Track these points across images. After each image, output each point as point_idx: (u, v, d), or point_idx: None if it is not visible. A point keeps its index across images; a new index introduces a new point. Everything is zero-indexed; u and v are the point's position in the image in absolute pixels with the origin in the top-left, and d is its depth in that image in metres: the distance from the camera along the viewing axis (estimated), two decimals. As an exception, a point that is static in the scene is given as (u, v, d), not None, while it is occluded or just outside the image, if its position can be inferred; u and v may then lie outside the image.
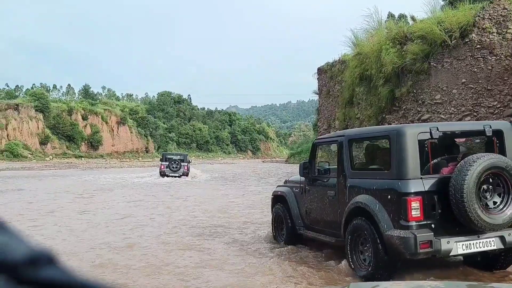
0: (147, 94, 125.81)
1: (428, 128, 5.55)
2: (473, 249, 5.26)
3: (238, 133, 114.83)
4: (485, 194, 5.27)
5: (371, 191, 5.65)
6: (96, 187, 22.01)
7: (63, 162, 65.18)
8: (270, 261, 6.71)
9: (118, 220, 11.32)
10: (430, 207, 5.21)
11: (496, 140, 5.85)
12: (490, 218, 5.12)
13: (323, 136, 7.82)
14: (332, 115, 21.92)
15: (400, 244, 5.09)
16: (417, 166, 5.31)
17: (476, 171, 5.05)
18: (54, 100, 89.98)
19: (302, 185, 7.35)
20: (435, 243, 5.04)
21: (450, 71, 13.33)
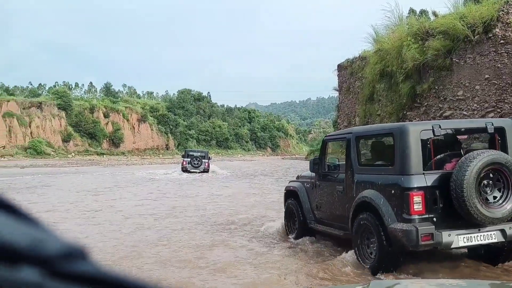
0: (167, 92, 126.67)
1: (431, 126, 5.73)
2: (474, 242, 5.45)
3: (257, 130, 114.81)
4: (486, 189, 5.44)
5: (376, 186, 5.86)
6: (129, 181, 23.78)
7: (85, 159, 66.03)
8: (281, 255, 6.94)
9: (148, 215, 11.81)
10: (432, 201, 5.40)
11: (498, 137, 5.99)
12: (489, 212, 5.30)
13: (332, 133, 8.07)
14: (352, 111, 21.77)
15: (402, 237, 5.29)
16: (419, 162, 5.52)
17: (476, 167, 5.22)
18: (76, 98, 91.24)
19: (313, 181, 7.58)
20: (436, 235, 5.23)
21: (473, 67, 13.11)
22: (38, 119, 75.90)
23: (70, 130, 79.15)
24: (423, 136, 5.71)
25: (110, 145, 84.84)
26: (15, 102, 75.08)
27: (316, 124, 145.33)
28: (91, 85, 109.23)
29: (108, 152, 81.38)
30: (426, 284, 1.84)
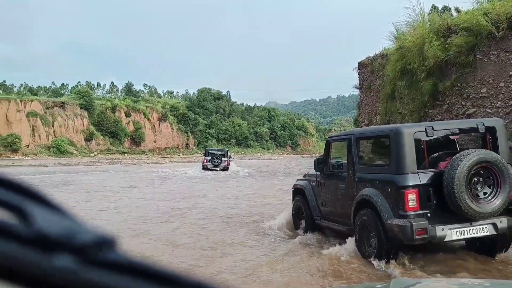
0: (187, 91, 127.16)
1: (424, 128, 6.15)
2: (466, 235, 5.83)
3: (277, 129, 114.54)
4: (476, 186, 5.81)
5: (375, 184, 6.28)
6: (156, 178, 25.59)
7: (107, 158, 66.70)
8: (288, 250, 7.26)
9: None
10: (426, 198, 5.79)
11: (489, 136, 6.36)
12: (479, 207, 5.65)
13: (335, 134, 8.35)
14: (373, 110, 21.56)
15: (399, 232, 5.70)
16: (413, 162, 5.90)
17: (466, 165, 5.58)
18: (98, 97, 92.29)
19: (318, 179, 8.05)
20: (430, 230, 5.62)
21: (497, 63, 12.86)
22: (61, 118, 76.96)
23: (92, 129, 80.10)
24: (416, 137, 6.06)
25: (131, 144, 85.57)
26: (38, 102, 76.25)
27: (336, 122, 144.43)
28: (113, 85, 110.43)
29: (130, 151, 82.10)
30: (447, 283, 1.85)
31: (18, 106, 71.46)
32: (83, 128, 79.24)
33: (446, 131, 6.67)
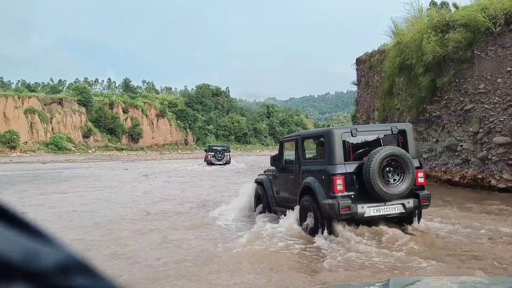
0: (186, 87, 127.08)
1: (350, 129, 7.76)
2: (381, 213, 7.38)
3: (276, 125, 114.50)
4: (388, 174, 7.37)
5: (314, 174, 7.84)
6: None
7: (105, 154, 66.61)
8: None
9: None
10: (350, 183, 7.35)
11: (401, 137, 8.03)
12: (389, 190, 7.24)
13: (286, 136, 10.13)
14: (371, 106, 21.56)
15: (329, 209, 7.23)
16: (341, 156, 7.48)
17: (379, 158, 7.17)
18: (96, 94, 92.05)
19: (274, 173, 9.72)
20: (353, 207, 7.16)
21: (494, 59, 12.86)
22: (59, 115, 76.89)
23: (90, 125, 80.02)
24: (344, 137, 7.64)
25: (129, 141, 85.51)
26: (36, 99, 76.15)
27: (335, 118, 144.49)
28: (110, 81, 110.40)
29: (128, 148, 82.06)
30: (447, 281, 1.88)
31: (16, 102, 71.40)
32: (81, 125, 79.17)
33: (367, 132, 8.46)
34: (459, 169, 14.57)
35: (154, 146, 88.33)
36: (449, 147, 14.89)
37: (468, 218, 9.00)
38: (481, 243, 6.83)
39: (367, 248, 6.57)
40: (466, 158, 14.19)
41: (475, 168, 13.82)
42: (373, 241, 7.00)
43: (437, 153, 15.69)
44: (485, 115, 13.17)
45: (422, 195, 7.64)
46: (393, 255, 6.29)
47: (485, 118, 13.20)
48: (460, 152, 14.43)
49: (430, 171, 16.17)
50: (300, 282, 5.41)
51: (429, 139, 16.19)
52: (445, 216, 9.11)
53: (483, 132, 13.28)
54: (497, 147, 12.84)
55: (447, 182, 15.13)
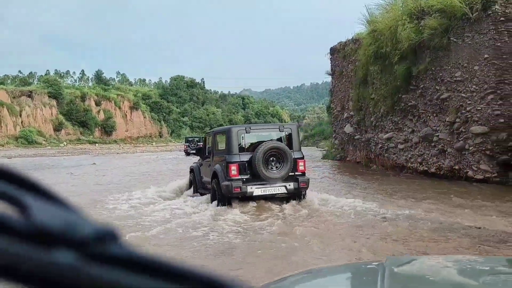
0: (160, 79, 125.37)
1: (245, 127, 9.84)
2: (267, 193, 9.35)
3: (251, 116, 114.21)
4: (271, 162, 9.32)
5: (219, 162, 9.81)
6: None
7: (77, 148, 65.09)
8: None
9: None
10: (243, 169, 9.28)
11: (287, 134, 9.96)
12: (271, 174, 9.22)
13: (208, 131, 12.07)
14: (345, 96, 21.12)
15: (225, 189, 9.24)
16: (236, 147, 9.49)
17: (263, 150, 9.11)
18: (67, 86, 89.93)
19: (200, 162, 11.92)
20: (243, 188, 9.15)
21: (471, 46, 12.44)
22: (29, 108, 74.83)
23: (61, 118, 78.12)
24: (240, 133, 9.64)
25: (102, 134, 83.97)
26: (5, 91, 73.83)
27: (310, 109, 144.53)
28: (83, 73, 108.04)
29: (101, 141, 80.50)
30: (442, 260, 1.87)
31: (-18, 95, 69.16)
32: (52, 118, 77.19)
33: (259, 130, 10.63)
34: (436, 160, 14.19)
35: (128, 139, 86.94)
36: (425, 137, 14.50)
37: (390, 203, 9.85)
38: (346, 218, 8.21)
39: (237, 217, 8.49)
40: (442, 149, 13.81)
41: (452, 159, 13.45)
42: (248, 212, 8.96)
43: (413, 144, 15.30)
44: (462, 104, 12.76)
45: (301, 179, 9.53)
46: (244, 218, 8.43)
47: (462, 107, 12.80)
48: (436, 142, 14.04)
49: (406, 162, 15.78)
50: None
51: (404, 130, 15.78)
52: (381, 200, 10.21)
53: (460, 122, 12.89)
54: (474, 137, 12.46)
55: (423, 173, 14.76)
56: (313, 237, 6.81)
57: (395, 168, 16.51)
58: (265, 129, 10.76)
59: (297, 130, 10.18)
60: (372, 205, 9.19)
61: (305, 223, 7.92)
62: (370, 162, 18.64)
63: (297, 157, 9.57)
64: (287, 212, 8.76)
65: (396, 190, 11.92)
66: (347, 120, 20.75)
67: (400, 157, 16.16)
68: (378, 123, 17.46)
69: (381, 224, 7.58)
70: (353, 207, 9.06)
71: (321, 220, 8.14)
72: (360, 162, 19.55)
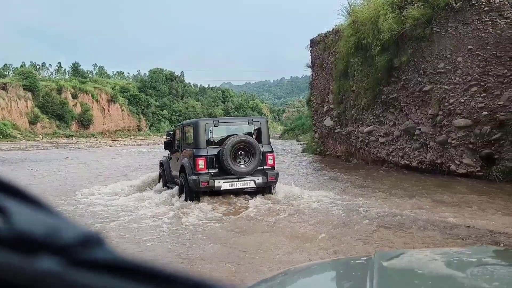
0: (138, 72, 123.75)
1: (213, 121, 9.59)
2: (236, 187, 9.20)
3: (231, 110, 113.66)
4: (240, 156, 9.15)
5: (187, 156, 9.62)
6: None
7: (53, 141, 63.76)
8: None
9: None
10: (211, 163, 9.12)
11: (255, 128, 9.80)
12: (240, 169, 9.04)
13: (178, 124, 11.72)
14: (325, 89, 20.73)
15: (193, 183, 9.04)
16: (204, 141, 9.31)
17: (231, 143, 8.94)
18: (43, 79, 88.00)
19: (169, 155, 11.72)
20: (210, 182, 8.98)
21: (454, 36, 12.10)
22: (3, 101, 72.92)
23: (37, 111, 76.39)
24: (208, 127, 9.41)
25: (79, 127, 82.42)
26: (-22, 84, 71.92)
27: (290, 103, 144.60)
28: (60, 66, 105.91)
29: (78, 134, 79.02)
30: (430, 253, 1.89)
31: (-46, 88, 67.17)
32: (27, 111, 75.36)
33: (228, 123, 10.44)
34: (417, 154, 13.88)
35: (106, 132, 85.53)
36: (406, 130, 14.17)
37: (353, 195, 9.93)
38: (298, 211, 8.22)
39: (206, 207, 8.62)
40: (424, 142, 13.49)
41: (434, 153, 13.14)
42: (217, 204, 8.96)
43: (394, 137, 14.97)
44: (445, 96, 12.43)
45: (270, 173, 9.40)
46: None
47: (444, 100, 12.46)
48: (418, 136, 13.72)
49: (387, 156, 15.46)
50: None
51: (386, 123, 15.44)
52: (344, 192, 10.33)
53: (443, 115, 12.56)
54: (457, 131, 12.15)
55: (405, 167, 14.44)
56: (273, 234, 6.68)
57: (376, 162, 16.19)
58: (233, 123, 10.66)
59: (267, 124, 10.04)
60: (345, 200, 9.02)
61: (270, 218, 7.80)
62: (350, 156, 18.31)
63: (266, 151, 9.49)
64: (254, 206, 8.63)
65: (375, 184, 11.67)
66: (327, 113, 20.37)
67: (381, 151, 15.83)
68: (358, 116, 17.10)
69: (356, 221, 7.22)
70: (323, 201, 8.94)
71: (288, 214, 8.00)
72: (341, 156, 19.21)
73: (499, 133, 11.32)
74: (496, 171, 11.35)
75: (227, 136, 9.41)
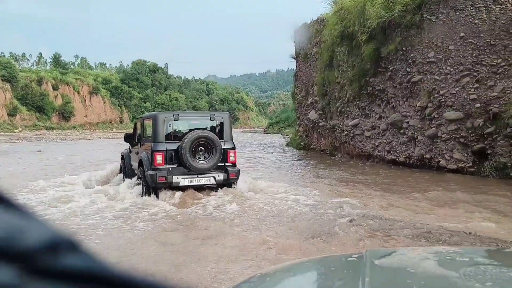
0: (121, 63, 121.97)
1: (173, 115, 9.19)
2: (195, 183, 8.88)
3: (216, 103, 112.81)
4: (200, 152, 8.89)
5: (146, 150, 9.34)
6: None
7: (33, 134, 62.19)
8: None
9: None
10: (169, 158, 8.81)
11: (218, 123, 9.54)
12: (199, 165, 8.78)
13: (138, 117, 11.37)
14: (310, 80, 19.97)
15: (150, 178, 8.69)
16: (163, 135, 8.96)
17: (190, 139, 8.66)
18: (23, 70, 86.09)
19: (130, 148, 11.46)
20: (168, 178, 8.65)
21: (446, 24, 11.37)
22: (-20, 92, 71.17)
23: (16, 103, 74.69)
24: (167, 121, 9.12)
25: (60, 119, 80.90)
26: (-46, 74, 69.91)
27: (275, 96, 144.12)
28: (41, 56, 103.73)
29: (58, 126, 77.58)
30: (422, 251, 1.83)
31: None
32: (6, 102, 73.55)
33: (189, 117, 10.02)
34: (405, 148, 13.18)
35: (87, 124, 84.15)
36: (393, 124, 13.45)
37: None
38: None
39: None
40: (412, 136, 12.79)
41: (423, 147, 12.44)
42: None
43: (381, 131, 14.25)
44: (435, 87, 11.72)
45: (231, 170, 9.20)
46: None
47: (434, 91, 11.75)
48: (406, 129, 13.01)
49: (373, 150, 14.74)
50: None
51: (371, 115, 14.71)
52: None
53: (433, 107, 11.85)
54: (448, 124, 11.45)
55: (392, 162, 13.75)
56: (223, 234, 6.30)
57: (361, 157, 15.49)
58: (195, 118, 10.27)
59: (229, 119, 9.80)
60: (319, 199, 8.47)
61: (227, 215, 7.56)
62: (335, 150, 17.59)
63: (227, 147, 9.27)
64: (213, 203, 8.41)
65: (357, 181, 10.98)
66: (312, 106, 19.62)
67: (366, 145, 15.12)
68: (344, 108, 16.36)
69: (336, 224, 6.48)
70: (287, 199, 8.57)
71: (244, 212, 7.73)
72: (325, 150, 18.48)
73: (493, 126, 10.64)
74: (489, 167, 10.68)
75: (189, 131, 9.21)
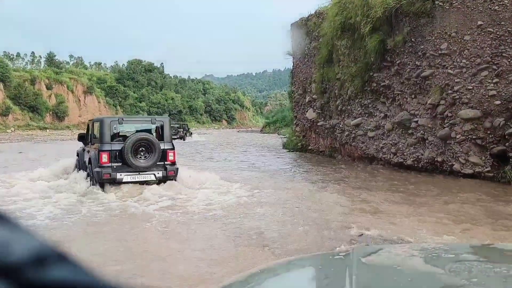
0: (116, 63, 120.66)
1: (117, 119, 10.50)
2: (137, 179, 9.93)
3: (212, 102, 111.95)
4: (141, 152, 10.00)
5: (94, 149, 10.29)
6: None
7: (25, 134, 61.01)
8: None
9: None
10: (114, 157, 9.92)
11: (159, 127, 10.76)
12: (140, 163, 9.89)
13: (91, 119, 12.10)
14: (308, 78, 18.77)
15: (96, 174, 9.89)
16: (109, 137, 10.08)
17: (132, 140, 9.84)
18: (16, 69, 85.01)
19: (83, 147, 12.13)
20: (112, 174, 9.79)
21: (461, 11, 10.18)
22: (-27, 91, 69.89)
23: (8, 103, 73.63)
24: (113, 124, 10.21)
25: (53, 119, 79.95)
26: None
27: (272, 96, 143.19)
28: (34, 55, 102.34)
29: (52, 126, 76.65)
30: (409, 249, 1.89)
31: None
32: (-2, 102, 72.35)
33: (132, 121, 11.57)
34: (413, 150, 11.99)
35: (82, 124, 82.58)
36: (400, 123, 12.26)
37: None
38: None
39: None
40: (422, 137, 11.61)
41: (434, 149, 11.25)
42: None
43: (386, 131, 13.07)
44: (448, 82, 10.54)
45: (170, 168, 10.14)
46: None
47: (447, 87, 10.56)
48: (414, 129, 11.82)
49: (377, 152, 13.55)
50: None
51: (375, 114, 13.52)
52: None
53: (445, 104, 10.67)
54: (463, 123, 10.27)
55: (398, 165, 12.55)
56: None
57: (364, 159, 14.31)
58: (137, 121, 11.94)
59: (169, 123, 10.86)
60: (299, 208, 7.90)
61: (156, 210, 8.03)
62: (335, 152, 16.41)
63: (167, 148, 10.29)
64: (149, 197, 9.11)
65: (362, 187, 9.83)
66: (310, 105, 18.44)
67: (370, 147, 13.94)
68: (344, 107, 15.18)
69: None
70: (228, 200, 8.84)
71: (174, 210, 8.06)
72: (324, 151, 17.31)
73: (514, 126, 9.45)
74: (511, 172, 9.48)
75: (134, 133, 10.32)
